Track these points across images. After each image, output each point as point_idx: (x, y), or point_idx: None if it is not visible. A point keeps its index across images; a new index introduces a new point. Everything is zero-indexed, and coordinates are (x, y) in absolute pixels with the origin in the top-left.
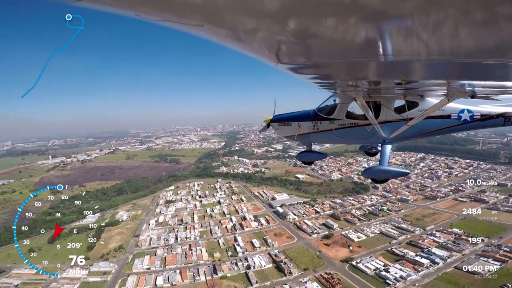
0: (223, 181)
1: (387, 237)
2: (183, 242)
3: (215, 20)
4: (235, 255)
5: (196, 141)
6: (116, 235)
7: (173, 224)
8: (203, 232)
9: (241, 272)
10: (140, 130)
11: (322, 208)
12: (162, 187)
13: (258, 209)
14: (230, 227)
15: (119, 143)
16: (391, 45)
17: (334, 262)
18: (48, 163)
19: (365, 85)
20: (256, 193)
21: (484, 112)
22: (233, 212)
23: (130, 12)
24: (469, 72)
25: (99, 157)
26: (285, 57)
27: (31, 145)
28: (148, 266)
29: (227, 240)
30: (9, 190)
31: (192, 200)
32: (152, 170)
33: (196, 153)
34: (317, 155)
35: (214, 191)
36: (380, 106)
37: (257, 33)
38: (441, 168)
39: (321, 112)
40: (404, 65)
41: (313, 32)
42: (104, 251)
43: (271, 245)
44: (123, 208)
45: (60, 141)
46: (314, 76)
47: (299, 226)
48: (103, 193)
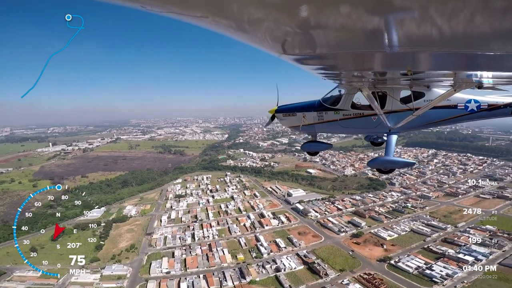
0: (232, 174)
1: (419, 235)
2: (202, 241)
3: (220, 11)
4: (260, 256)
5: (198, 132)
6: (126, 233)
7: (187, 221)
8: (221, 231)
9: (270, 275)
10: (141, 120)
11: (344, 205)
12: (168, 179)
13: (275, 206)
14: (249, 225)
15: (120, 132)
16: (397, 36)
17: (371, 261)
18: (48, 151)
19: (371, 76)
20: (268, 188)
21: (491, 102)
22: (249, 209)
23: (136, 4)
24: (476, 62)
25: (101, 146)
26: (289, 48)
27: (30, 132)
28: (168, 269)
29: (248, 240)
30: (7, 180)
31: (203, 194)
32: (157, 161)
33: (200, 145)
34: (322, 145)
35: (225, 185)
36: (386, 97)
37: (262, 24)
38: (455, 165)
39: (326, 103)
40: (410, 56)
41: (319, 22)
42: (115, 251)
43: (297, 245)
44: (130, 202)
45: (60, 128)
46: (319, 67)
47: (324, 224)
48: (107, 184)
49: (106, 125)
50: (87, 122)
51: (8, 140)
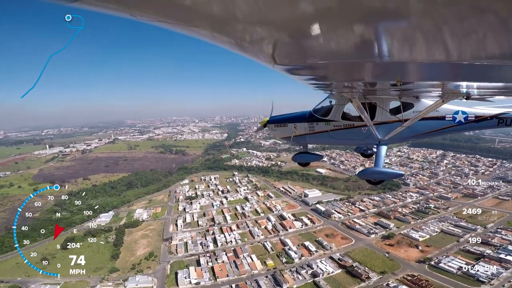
0: (240, 174)
1: (451, 235)
2: (225, 247)
3: (211, 23)
4: (291, 261)
5: (197, 132)
6: (141, 239)
7: (204, 225)
8: (243, 235)
9: (308, 281)
10: (136, 121)
11: (365, 206)
12: (174, 180)
13: (293, 207)
14: (271, 228)
15: (117, 133)
16: (387, 47)
17: (410, 263)
18: (45, 153)
19: (361, 86)
20: (281, 188)
21: (478, 114)
22: (266, 211)
23: (126, 13)
24: (464, 73)
25: (100, 147)
26: (281, 59)
27: (24, 135)
28: (197, 280)
29: (274, 244)
30: (6, 184)
31: (215, 196)
32: (159, 161)
33: (200, 144)
34: (312, 157)
35: (235, 185)
36: (376, 108)
37: (253, 36)
38: (466, 166)
39: (317, 114)
40: (400, 66)
41: (309, 34)
42: (133, 260)
43: (328, 248)
44: (138, 205)
45: (55, 130)
46: (310, 77)
47: (351, 226)
48: (112, 187)
49: (101, 126)
50: (82, 123)
51: (2, 144)
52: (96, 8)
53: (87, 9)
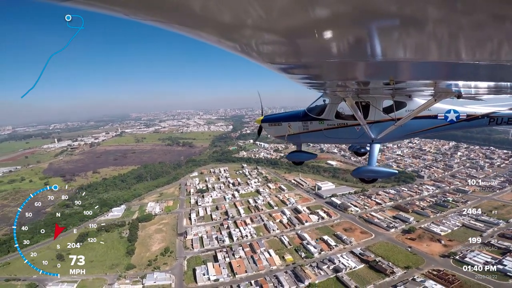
0: (249, 166)
1: (473, 230)
2: (241, 242)
3: (202, 22)
4: (310, 256)
5: (202, 124)
6: (155, 234)
7: (218, 219)
8: (258, 229)
9: (330, 276)
10: (141, 114)
11: (381, 199)
12: (183, 173)
13: (307, 200)
14: (286, 222)
15: (123, 126)
16: (380, 46)
17: (434, 257)
18: (54, 147)
19: (354, 85)
20: (292, 180)
21: (469, 113)
22: (280, 204)
23: (119, 12)
24: (456, 72)
25: (107, 140)
26: (274, 58)
27: (32, 129)
28: (216, 276)
29: (291, 238)
30: (17, 178)
31: (226, 188)
32: (167, 154)
33: (206, 136)
34: (306, 155)
35: (245, 178)
36: (369, 107)
37: (246, 34)
38: (480, 158)
39: (311, 113)
40: (393, 65)
41: (302, 32)
42: (149, 256)
43: (348, 242)
44: (149, 198)
45: (62, 124)
46: (303, 76)
47: (369, 220)
48: (122, 180)
49: (107, 119)
50: (88, 118)
51: (11, 138)
52: (92, 8)
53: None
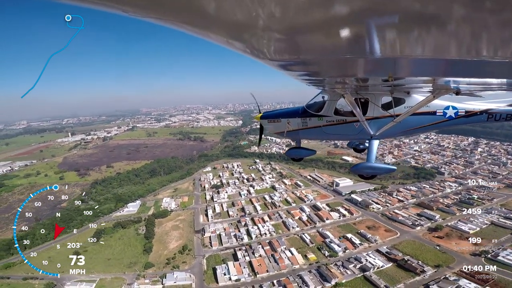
0: (262, 162)
1: (503, 228)
2: (260, 239)
3: (199, 18)
4: (334, 255)
5: (212, 119)
6: (172, 230)
7: (235, 215)
8: (277, 226)
9: (357, 276)
10: (151, 109)
11: (403, 197)
12: (196, 167)
13: (325, 197)
14: (306, 219)
15: (134, 121)
16: (379, 43)
17: (464, 256)
18: (68, 141)
19: (353, 82)
20: (308, 176)
21: (468, 109)
22: (297, 200)
23: (117, 9)
24: (454, 69)
25: (119, 134)
26: (273, 54)
27: (46, 124)
28: (237, 276)
29: (312, 236)
30: (33, 173)
31: (241, 184)
32: (179, 148)
33: (217, 131)
34: (306, 152)
35: (259, 173)
36: (368, 103)
37: (243, 30)
38: (502, 154)
39: (310, 109)
40: (391, 62)
41: (301, 29)
42: (167, 254)
43: (373, 241)
44: (164, 193)
45: (74, 119)
46: (302, 73)
47: (393, 218)
48: (135, 175)
49: (118, 114)
50: (99, 112)
51: (26, 132)
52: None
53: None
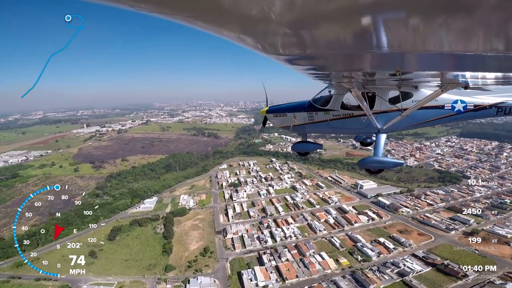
0: (278, 161)
1: None
2: (285, 242)
3: (206, 13)
4: (368, 259)
5: (224, 116)
6: (191, 230)
7: (256, 216)
8: (302, 228)
9: (395, 281)
10: (164, 104)
11: (433, 200)
12: (211, 164)
13: (350, 199)
14: (333, 222)
15: (147, 115)
16: (386, 37)
17: (506, 260)
18: (83, 132)
19: (360, 76)
20: (328, 177)
21: (477, 103)
22: (321, 202)
23: (124, 4)
24: (463, 63)
25: (134, 128)
26: (278, 48)
27: (61, 115)
28: (264, 282)
29: (342, 240)
30: (48, 163)
31: (259, 183)
32: (193, 144)
33: (230, 128)
34: (312, 146)
35: (276, 172)
36: (375, 97)
37: (250, 24)
38: None
39: (316, 103)
40: (399, 56)
41: (308, 23)
42: (188, 256)
43: (407, 245)
44: (180, 190)
45: (89, 111)
46: (309, 67)
47: (425, 221)
48: (151, 169)
49: (131, 108)
50: (113, 105)
51: (42, 122)
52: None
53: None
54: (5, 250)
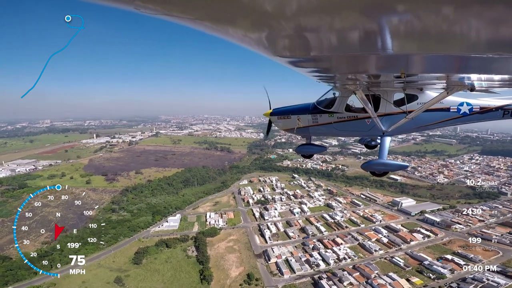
0: (301, 177)
1: None
2: (340, 265)
3: (213, 14)
4: (443, 276)
5: (233, 130)
6: (227, 253)
7: (296, 237)
8: (354, 249)
9: None
10: (170, 116)
11: (482, 216)
12: (230, 179)
13: (393, 217)
14: (386, 241)
15: (155, 127)
16: (391, 39)
17: None
18: (93, 142)
19: (365, 78)
20: (360, 195)
21: (483, 105)
22: (364, 221)
23: (130, 6)
24: (468, 65)
25: (144, 140)
26: (283, 50)
27: (69, 124)
28: None
29: (404, 259)
30: (58, 174)
31: (288, 200)
32: (207, 158)
33: (241, 142)
34: (316, 148)
35: (303, 189)
36: (380, 99)
37: (255, 26)
38: None
39: (320, 105)
40: (404, 58)
41: (312, 25)
42: (232, 285)
43: (477, 260)
44: (203, 206)
45: (96, 121)
46: (313, 69)
47: (485, 237)
48: (168, 183)
49: (138, 120)
50: (120, 117)
51: (50, 131)
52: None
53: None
54: (14, 272)
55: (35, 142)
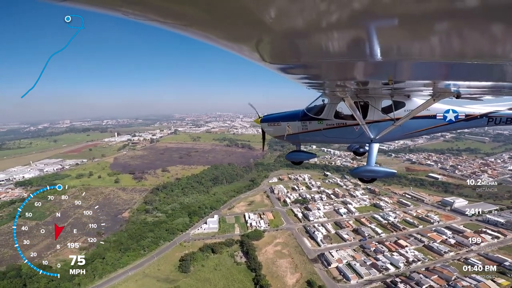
0: (334, 175)
1: None
2: (411, 268)
3: (201, 21)
4: None
5: (248, 126)
6: (277, 258)
7: (351, 239)
8: (422, 251)
9: None
10: (184, 115)
11: None
12: (258, 177)
13: (449, 217)
14: (454, 242)
15: (172, 125)
16: (379, 46)
17: None
18: (115, 140)
19: (353, 85)
20: (404, 194)
21: (468, 112)
22: (421, 222)
23: (117, 12)
24: (454, 72)
25: (164, 137)
26: (272, 57)
27: (87, 124)
28: None
29: (480, 260)
30: (85, 173)
31: (329, 200)
32: (231, 155)
33: (259, 139)
34: (306, 155)
35: (342, 188)
36: (368, 106)
37: (244, 32)
38: None
39: (310, 112)
40: (392, 65)
41: (301, 32)
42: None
43: None
44: (239, 206)
45: (113, 121)
46: (302, 76)
47: None
48: (197, 181)
49: (153, 118)
50: (135, 116)
51: (71, 131)
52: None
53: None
54: (56, 283)
55: (59, 142)
